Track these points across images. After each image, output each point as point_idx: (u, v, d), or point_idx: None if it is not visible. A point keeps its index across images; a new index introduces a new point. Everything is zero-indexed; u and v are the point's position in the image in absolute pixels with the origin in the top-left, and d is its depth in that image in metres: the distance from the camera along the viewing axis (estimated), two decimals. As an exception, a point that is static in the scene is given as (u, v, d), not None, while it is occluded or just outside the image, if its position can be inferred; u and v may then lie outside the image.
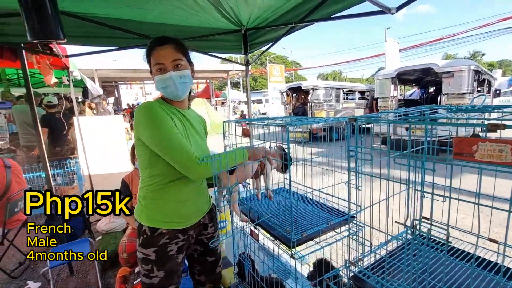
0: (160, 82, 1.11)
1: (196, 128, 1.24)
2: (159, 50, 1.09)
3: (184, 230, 1.18)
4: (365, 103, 10.91)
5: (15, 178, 2.38)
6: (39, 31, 0.72)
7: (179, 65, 1.11)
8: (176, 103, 1.19)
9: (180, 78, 1.11)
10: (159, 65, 1.09)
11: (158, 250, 1.13)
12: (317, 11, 1.92)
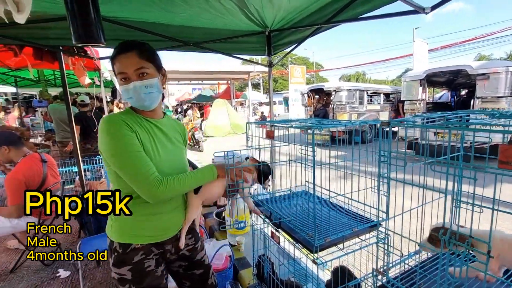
0: (124, 93, 1.02)
1: (170, 137, 1.15)
2: (122, 58, 0.99)
3: (159, 244, 1.11)
4: (390, 105, 10.51)
5: (51, 172, 2.54)
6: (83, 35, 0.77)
7: (144, 74, 1.00)
8: (147, 112, 1.09)
9: (146, 88, 1.01)
10: (122, 75, 0.99)
11: (133, 268, 1.05)
12: (344, 12, 1.88)
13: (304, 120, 1.69)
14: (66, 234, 3.20)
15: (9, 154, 2.38)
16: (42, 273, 2.47)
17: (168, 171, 1.06)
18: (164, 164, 1.07)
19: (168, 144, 1.13)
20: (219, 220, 2.54)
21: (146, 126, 1.07)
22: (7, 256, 2.76)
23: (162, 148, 1.09)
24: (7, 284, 2.33)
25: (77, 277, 2.31)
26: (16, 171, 2.29)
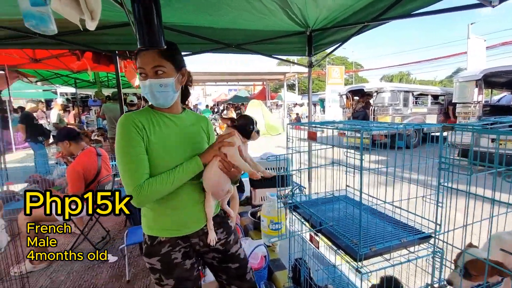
0: (142, 89, 1.05)
1: (190, 130, 1.16)
2: (143, 54, 1.02)
3: (185, 237, 1.13)
4: (439, 108, 9.64)
5: (104, 165, 2.80)
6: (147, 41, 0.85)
7: (160, 72, 1.01)
8: (163, 109, 1.11)
9: (160, 87, 1.01)
10: (140, 70, 1.02)
11: (161, 259, 1.09)
12: (394, 9, 1.77)
13: (347, 122, 1.63)
14: (114, 223, 3.49)
15: (70, 148, 2.67)
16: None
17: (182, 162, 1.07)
18: (178, 155, 1.08)
19: (187, 138, 1.13)
20: (254, 219, 2.56)
21: (162, 122, 1.09)
22: (65, 239, 3.09)
23: (180, 142, 1.10)
24: (65, 263, 2.61)
25: (123, 262, 2.50)
26: (76, 163, 2.56)
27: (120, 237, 3.09)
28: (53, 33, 0.92)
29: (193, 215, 1.13)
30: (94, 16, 0.88)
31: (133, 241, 2.40)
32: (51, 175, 4.42)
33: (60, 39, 2.22)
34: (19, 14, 1.96)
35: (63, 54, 3.73)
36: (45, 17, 0.82)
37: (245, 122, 1.10)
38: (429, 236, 1.24)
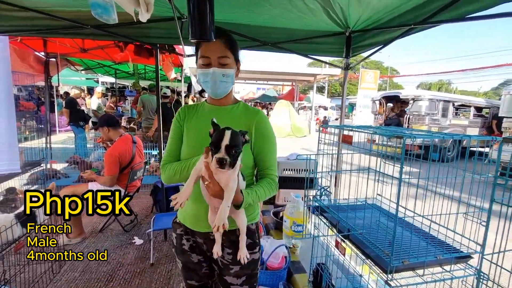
0: (202, 76, 1.05)
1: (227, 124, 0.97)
2: (209, 44, 1.04)
3: (193, 232, 1.12)
4: (482, 122, 8.90)
5: (138, 152, 2.95)
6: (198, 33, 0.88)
7: (224, 62, 1.03)
8: (214, 100, 1.14)
9: (223, 77, 1.04)
10: (204, 59, 1.03)
11: (177, 238, 1.15)
12: (446, 11, 1.66)
13: (384, 128, 1.56)
14: (142, 208, 3.67)
15: (109, 134, 2.85)
16: (122, 237, 2.88)
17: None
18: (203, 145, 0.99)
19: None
20: (276, 219, 2.55)
21: (205, 112, 1.14)
22: (97, 218, 3.31)
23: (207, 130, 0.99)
24: (97, 241, 2.80)
25: (148, 246, 2.62)
26: (113, 148, 2.73)
27: (147, 221, 3.25)
28: (114, 22, 0.99)
29: (197, 213, 1.07)
30: (149, 8, 0.94)
31: (159, 227, 2.51)
32: (88, 158, 4.75)
33: (108, 30, 2.36)
34: (75, 6, 2.14)
35: (108, 46, 3.99)
36: (108, 7, 0.89)
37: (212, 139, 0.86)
38: (468, 256, 1.15)
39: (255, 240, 1.14)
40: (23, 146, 4.08)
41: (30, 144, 4.08)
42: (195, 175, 0.91)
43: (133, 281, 2.20)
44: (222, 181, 0.88)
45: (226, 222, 0.86)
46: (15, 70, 3.52)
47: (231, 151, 0.82)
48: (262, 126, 1.10)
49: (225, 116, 1.11)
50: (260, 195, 1.02)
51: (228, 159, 0.81)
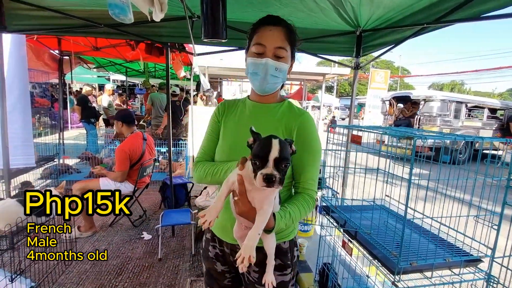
0: (252, 66, 0.92)
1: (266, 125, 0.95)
2: (268, 30, 0.89)
3: (219, 240, 1.02)
4: (496, 123, 8.66)
5: (148, 149, 3.00)
6: (211, 33, 0.89)
7: (281, 55, 0.90)
8: (257, 96, 1.01)
9: (275, 70, 0.91)
10: (258, 47, 0.89)
11: (206, 241, 1.08)
12: (460, 10, 1.62)
13: (394, 129, 1.54)
14: (151, 204, 3.74)
15: (122, 128, 2.92)
16: (131, 232, 2.94)
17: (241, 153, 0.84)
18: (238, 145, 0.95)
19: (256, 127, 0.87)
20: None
21: (245, 109, 1.02)
22: (108, 213, 3.39)
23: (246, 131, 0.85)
24: (107, 235, 2.87)
25: (157, 241, 2.67)
26: (124, 144, 2.78)
27: (155, 217, 3.30)
28: (130, 21, 1.02)
29: (225, 222, 0.95)
30: (163, 8, 0.96)
31: (167, 223, 2.55)
32: (99, 154, 4.86)
33: (120, 29, 2.41)
34: (89, 5, 2.19)
35: (120, 44, 4.06)
36: (125, 6, 0.92)
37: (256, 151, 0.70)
38: (478, 259, 1.14)
39: (287, 262, 0.97)
40: (37, 141, 4.20)
41: (44, 139, 4.19)
42: (226, 189, 0.78)
43: (141, 274, 2.25)
44: (256, 201, 0.74)
45: (253, 253, 0.72)
46: (31, 68, 3.63)
47: (281, 165, 0.67)
48: (307, 131, 0.94)
49: (265, 115, 0.98)
50: (294, 218, 0.86)
51: (278, 176, 0.66)
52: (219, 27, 0.88)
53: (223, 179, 0.85)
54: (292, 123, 0.94)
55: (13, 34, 2.52)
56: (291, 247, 0.99)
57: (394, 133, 1.06)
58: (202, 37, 0.99)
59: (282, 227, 0.82)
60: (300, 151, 0.86)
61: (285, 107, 1.00)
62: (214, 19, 0.89)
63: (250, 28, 0.95)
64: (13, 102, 2.60)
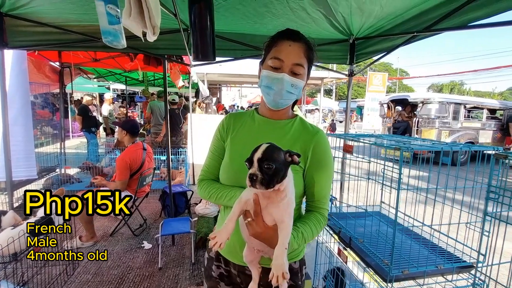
0: (266, 79, 0.89)
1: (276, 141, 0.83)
2: (288, 45, 0.87)
3: (226, 261, 0.97)
4: (496, 124, 8.66)
5: (147, 159, 3.04)
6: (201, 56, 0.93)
7: (298, 73, 0.88)
8: (268, 111, 0.97)
9: (291, 87, 0.88)
10: (276, 61, 0.87)
11: (208, 260, 1.02)
12: (448, 19, 1.67)
13: (386, 136, 1.57)
14: (151, 212, 3.76)
15: (125, 138, 2.96)
16: (132, 241, 2.96)
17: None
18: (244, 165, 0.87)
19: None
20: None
21: (254, 125, 0.98)
22: (109, 222, 3.41)
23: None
24: (108, 244, 2.88)
25: (157, 251, 2.69)
26: (125, 154, 2.83)
27: (155, 226, 3.32)
28: (122, 47, 1.06)
29: (233, 246, 0.92)
30: (155, 30, 1.00)
31: (167, 232, 2.57)
32: (100, 163, 4.90)
33: (119, 43, 2.47)
34: (88, 20, 2.25)
35: (119, 55, 4.13)
36: (117, 33, 0.96)
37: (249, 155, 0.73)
38: (470, 266, 1.16)
39: (298, 283, 0.94)
40: (39, 151, 4.25)
41: (45, 149, 4.24)
42: (239, 209, 0.76)
43: (142, 284, 2.27)
44: (276, 216, 0.74)
45: (286, 269, 0.69)
46: (32, 81, 3.70)
47: (263, 165, 0.68)
48: (322, 150, 0.92)
49: (277, 133, 0.94)
50: (307, 237, 0.84)
51: (259, 175, 0.67)
52: (208, 50, 0.92)
53: (228, 204, 0.86)
54: (308, 142, 0.91)
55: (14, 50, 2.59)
56: (301, 267, 0.97)
57: (382, 144, 1.09)
58: (192, 59, 1.03)
59: (295, 247, 0.80)
60: (314, 170, 0.89)
61: (298, 125, 0.96)
62: (203, 44, 0.93)
63: (268, 40, 0.92)
64: (15, 115, 2.65)
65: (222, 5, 1.87)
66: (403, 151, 0.95)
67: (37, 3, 1.95)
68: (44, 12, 2.12)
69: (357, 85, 35.19)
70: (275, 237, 0.74)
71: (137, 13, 0.99)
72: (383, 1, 1.72)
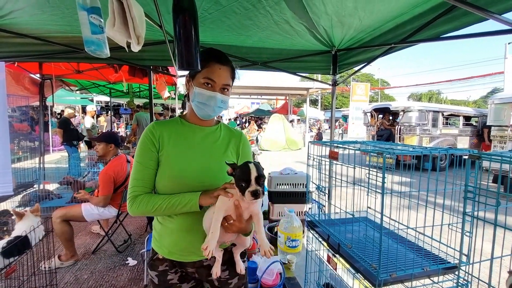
0: (201, 96, 1.01)
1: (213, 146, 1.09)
2: (218, 68, 1.01)
3: (181, 264, 1.06)
4: (471, 130, 9.12)
5: (132, 171, 2.96)
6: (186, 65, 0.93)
7: (226, 90, 1.05)
8: (197, 120, 1.09)
9: (222, 103, 1.04)
10: (209, 80, 1.00)
11: (159, 275, 1.06)
12: (423, 31, 1.77)
13: (370, 142, 1.62)
14: (136, 227, 3.63)
15: (110, 151, 2.87)
16: (115, 258, 2.84)
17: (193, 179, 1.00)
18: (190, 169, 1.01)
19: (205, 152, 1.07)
20: (270, 234, 2.55)
21: (187, 132, 1.08)
22: (91, 239, 3.26)
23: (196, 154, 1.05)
24: (89, 263, 2.74)
25: (142, 267, 2.58)
26: (108, 168, 2.74)
27: (141, 241, 3.21)
28: (106, 56, 1.05)
29: (189, 244, 1.03)
30: (140, 41, 1.00)
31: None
32: (82, 177, 4.72)
33: (103, 54, 2.45)
34: (70, 31, 2.22)
35: (103, 67, 4.08)
36: (101, 43, 0.95)
37: (239, 176, 0.88)
38: (455, 266, 1.18)
39: (244, 250, 1.18)
40: (16, 167, 4.05)
41: (23, 164, 4.05)
42: (221, 217, 0.90)
43: (126, 304, 2.16)
44: (253, 211, 0.95)
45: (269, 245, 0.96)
46: (10, 93, 3.56)
47: (260, 181, 0.87)
48: (247, 147, 1.18)
49: (211, 137, 1.10)
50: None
51: (261, 189, 0.86)
52: (192, 59, 0.93)
53: (181, 210, 0.95)
54: (237, 143, 1.15)
55: (-9, 61, 2.50)
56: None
57: (366, 149, 1.12)
58: (177, 68, 1.04)
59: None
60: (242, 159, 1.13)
61: (224, 129, 1.16)
62: (187, 52, 0.94)
63: (201, 62, 1.03)
64: (-10, 129, 2.53)
65: (207, 17, 1.91)
66: (386, 156, 0.98)
67: (16, 14, 1.91)
68: (24, 23, 2.07)
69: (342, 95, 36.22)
70: (249, 226, 0.99)
71: (121, 23, 0.99)
72: (361, 15, 1.81)
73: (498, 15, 1.20)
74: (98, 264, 2.73)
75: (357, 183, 1.42)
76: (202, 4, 1.68)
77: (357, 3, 1.66)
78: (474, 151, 1.05)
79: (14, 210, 2.20)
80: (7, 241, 1.91)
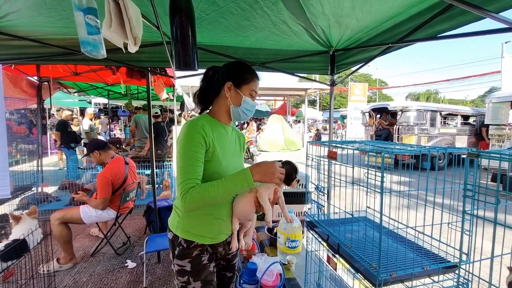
0: (248, 105, 1.21)
1: (235, 143, 1.33)
2: (257, 82, 1.24)
3: (214, 245, 1.22)
4: (469, 129, 9.15)
5: (131, 173, 2.94)
6: (183, 64, 0.93)
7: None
8: (226, 120, 1.26)
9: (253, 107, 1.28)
10: (253, 93, 1.23)
11: (192, 261, 1.16)
12: (420, 31, 1.77)
13: (369, 142, 1.62)
14: (135, 229, 3.62)
15: (100, 157, 2.85)
16: (114, 261, 2.82)
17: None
18: (231, 164, 1.22)
19: (234, 148, 1.31)
20: (270, 235, 2.54)
21: (221, 130, 1.22)
22: (89, 242, 3.24)
23: (228, 151, 1.24)
24: (88, 265, 2.73)
25: (141, 269, 2.57)
26: (106, 170, 2.72)
27: (140, 243, 3.19)
28: (102, 57, 1.05)
29: (226, 227, 1.25)
30: (137, 41, 1.00)
31: (152, 248, 2.47)
32: (80, 180, 4.70)
33: (100, 56, 2.44)
34: (67, 33, 2.21)
35: (101, 69, 4.07)
36: (97, 43, 0.95)
37: (290, 170, 1.13)
38: (455, 265, 1.18)
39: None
40: (14, 170, 4.03)
41: (21, 167, 4.03)
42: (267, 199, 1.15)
43: (125, 307, 2.14)
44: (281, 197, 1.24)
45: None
46: (7, 96, 3.55)
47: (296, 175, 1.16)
48: (245, 141, 1.43)
49: (233, 135, 1.33)
50: None
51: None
52: (190, 59, 0.92)
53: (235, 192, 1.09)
54: (242, 140, 1.40)
55: (-12, 63, 2.49)
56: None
57: (365, 148, 1.12)
58: (175, 69, 1.03)
59: None
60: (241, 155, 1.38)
61: (233, 128, 1.35)
62: (184, 53, 0.93)
63: (248, 73, 1.20)
64: (-13, 132, 2.51)
65: (204, 18, 1.90)
66: (384, 155, 0.98)
67: (13, 16, 1.90)
68: (20, 25, 2.06)
69: (340, 96, 36.27)
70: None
71: (118, 24, 0.99)
72: (359, 15, 1.82)
73: (494, 14, 1.21)
74: (97, 266, 2.71)
75: (356, 183, 1.42)
76: (199, 5, 1.67)
77: (354, 3, 1.66)
78: (473, 149, 1.05)
79: (11, 213, 2.19)
80: (4, 244, 1.90)
